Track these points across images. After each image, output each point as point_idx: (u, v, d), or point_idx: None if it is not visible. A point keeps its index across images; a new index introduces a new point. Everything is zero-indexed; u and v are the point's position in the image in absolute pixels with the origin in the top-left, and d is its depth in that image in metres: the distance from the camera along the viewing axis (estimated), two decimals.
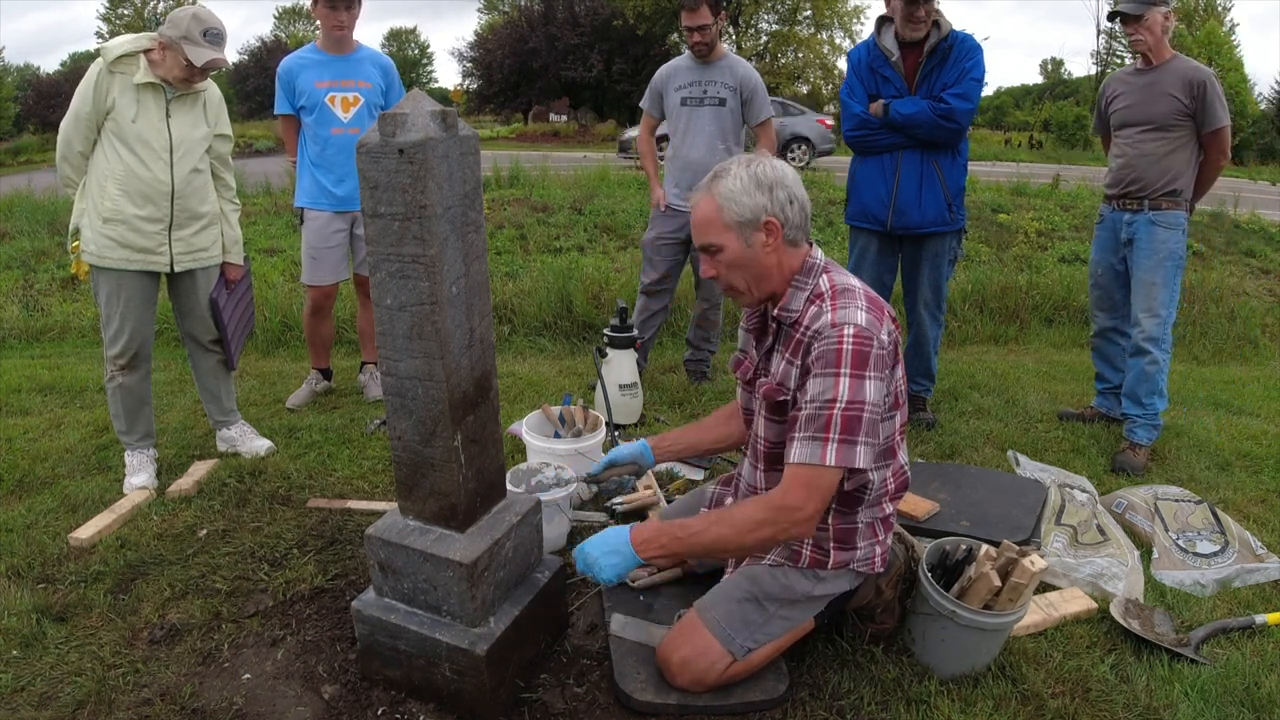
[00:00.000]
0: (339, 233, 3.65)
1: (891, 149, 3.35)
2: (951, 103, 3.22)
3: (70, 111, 2.71)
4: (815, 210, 8.76)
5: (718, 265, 1.82)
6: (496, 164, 10.88)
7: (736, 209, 1.75)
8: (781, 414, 1.83)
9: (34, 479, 3.07)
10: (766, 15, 33.45)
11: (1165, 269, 3.31)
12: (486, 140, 26.69)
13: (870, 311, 1.73)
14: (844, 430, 1.66)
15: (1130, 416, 3.39)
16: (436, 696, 1.87)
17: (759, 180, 1.75)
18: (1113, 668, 2.04)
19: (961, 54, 3.25)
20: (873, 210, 3.44)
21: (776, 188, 1.75)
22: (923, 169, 3.33)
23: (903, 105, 3.28)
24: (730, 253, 1.78)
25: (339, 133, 3.52)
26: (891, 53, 3.32)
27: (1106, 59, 31.49)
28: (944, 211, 3.37)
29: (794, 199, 1.77)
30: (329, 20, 3.45)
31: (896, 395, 1.83)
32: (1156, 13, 3.22)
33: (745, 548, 1.78)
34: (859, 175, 3.50)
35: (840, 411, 1.66)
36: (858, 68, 3.44)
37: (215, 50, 2.71)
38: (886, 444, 1.84)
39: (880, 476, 1.87)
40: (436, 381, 1.73)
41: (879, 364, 1.69)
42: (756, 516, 1.73)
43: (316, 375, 4.00)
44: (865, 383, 1.67)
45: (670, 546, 1.79)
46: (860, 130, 3.40)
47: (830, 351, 1.67)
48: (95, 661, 2.02)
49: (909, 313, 3.69)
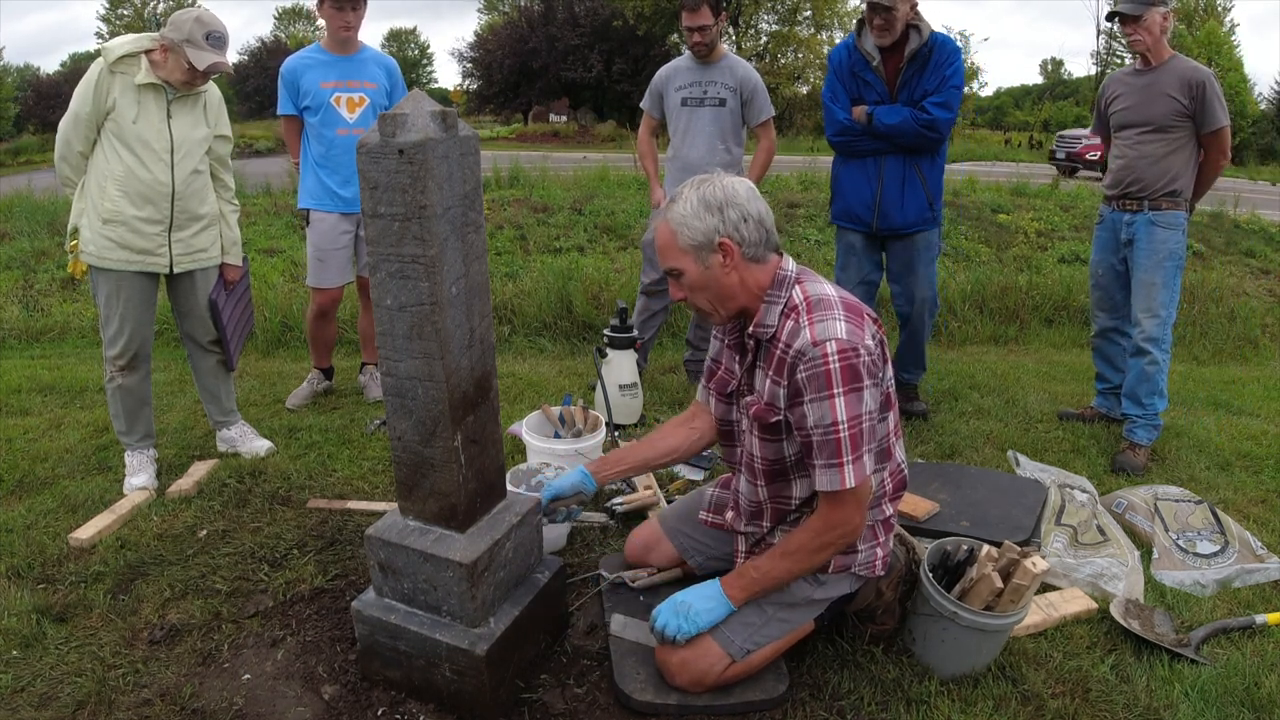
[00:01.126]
0: (345, 234, 3.64)
1: (874, 154, 3.42)
2: (934, 113, 3.28)
3: (70, 111, 2.70)
4: (815, 210, 8.76)
5: (682, 288, 1.83)
6: (496, 164, 10.87)
7: (689, 233, 1.74)
8: (776, 433, 1.84)
9: (34, 479, 3.07)
10: (766, 15, 33.48)
11: (1165, 269, 3.31)
12: (486, 141, 26.71)
13: (849, 320, 1.71)
14: (853, 449, 1.69)
15: (1130, 417, 3.39)
16: (436, 697, 1.87)
17: (708, 202, 1.74)
18: (1113, 668, 2.04)
19: (942, 59, 3.30)
20: (857, 212, 3.52)
21: (727, 208, 1.74)
22: (905, 172, 3.40)
23: (886, 115, 3.33)
24: (690, 276, 1.79)
25: (344, 133, 3.52)
26: (872, 56, 3.35)
27: (1106, 59, 31.49)
28: (925, 211, 3.45)
29: (747, 217, 1.75)
30: (335, 20, 3.44)
31: (888, 395, 1.83)
32: (1155, 13, 3.22)
33: (813, 569, 1.87)
34: (843, 177, 3.57)
35: (846, 434, 1.68)
36: (839, 70, 3.48)
37: (217, 54, 2.70)
38: (881, 445, 1.84)
39: (878, 478, 1.87)
40: (436, 382, 1.73)
41: (869, 372, 1.70)
42: (815, 543, 1.80)
43: (317, 375, 4.00)
44: (860, 395, 1.68)
45: (752, 589, 1.87)
46: (843, 136, 3.47)
47: (819, 374, 1.67)
48: (95, 662, 2.02)
49: (906, 309, 3.71)
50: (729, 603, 1.86)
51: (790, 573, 1.84)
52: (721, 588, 1.88)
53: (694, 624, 1.83)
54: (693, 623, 1.83)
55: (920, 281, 3.60)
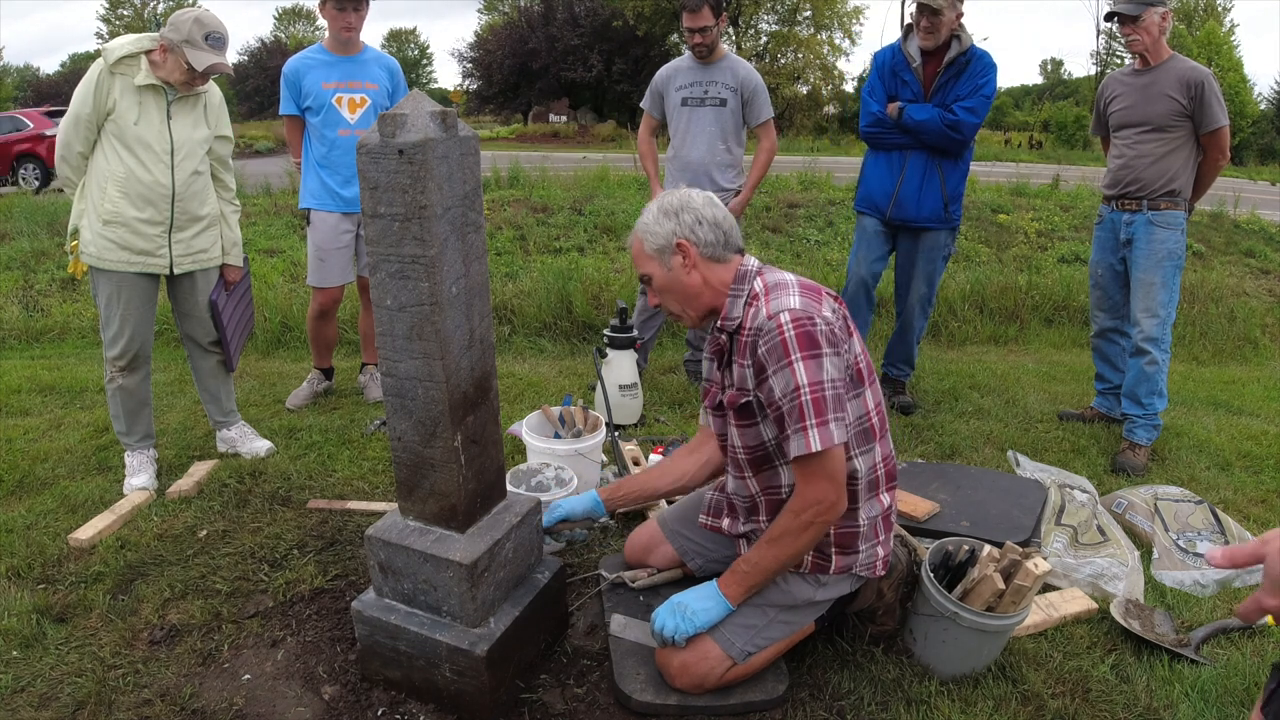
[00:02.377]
0: (346, 234, 3.65)
1: (901, 148, 3.57)
2: (960, 115, 3.41)
3: (70, 112, 2.70)
4: (815, 211, 8.77)
5: (654, 293, 1.96)
6: (496, 165, 10.87)
7: (653, 238, 1.89)
8: (749, 416, 1.87)
9: (34, 479, 3.07)
10: (766, 16, 33.47)
11: (1164, 269, 3.31)
12: (486, 141, 26.70)
13: (804, 296, 1.78)
14: (817, 413, 1.71)
15: (1130, 416, 3.39)
16: (436, 697, 1.87)
17: (665, 209, 1.90)
18: (1113, 668, 2.04)
19: (977, 70, 3.44)
20: (876, 200, 3.67)
21: (683, 212, 1.89)
22: (926, 169, 3.53)
23: (916, 111, 3.47)
24: (657, 279, 1.92)
25: (346, 134, 3.52)
26: (914, 59, 3.51)
27: (1106, 59, 31.51)
28: (940, 210, 3.56)
29: (702, 220, 1.88)
30: (337, 21, 3.44)
31: (859, 372, 1.83)
32: (1154, 13, 3.22)
33: (801, 552, 1.84)
34: (869, 167, 3.74)
35: (808, 397, 1.70)
36: (880, 69, 3.64)
37: (217, 54, 2.70)
38: (862, 425, 1.84)
39: (867, 463, 1.86)
40: (436, 382, 1.73)
41: (828, 340, 1.73)
42: (796, 524, 1.79)
43: (318, 375, 4.00)
44: (819, 361, 1.71)
45: (746, 583, 1.88)
46: (875, 128, 3.62)
47: (776, 344, 1.73)
48: (95, 662, 2.02)
49: (899, 302, 3.88)
50: (726, 602, 1.87)
51: (779, 559, 1.83)
52: (718, 587, 1.89)
53: (691, 624, 1.84)
54: (690, 622, 1.84)
55: (919, 277, 3.71)
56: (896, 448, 3.42)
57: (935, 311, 5.69)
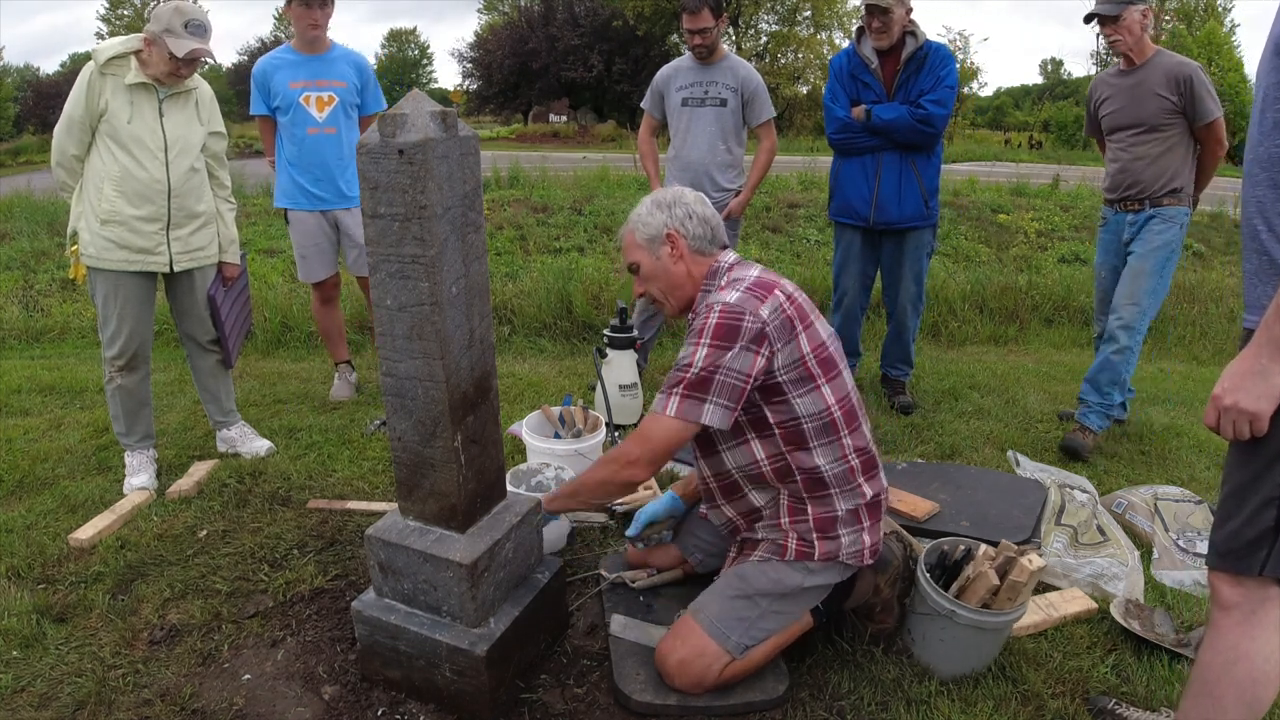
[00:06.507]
0: (323, 230, 3.70)
1: (872, 150, 3.57)
2: (929, 109, 3.42)
3: (64, 116, 2.70)
4: (815, 210, 8.78)
5: (640, 281, 2.04)
6: (496, 165, 10.88)
7: (644, 228, 1.99)
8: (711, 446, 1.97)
9: (34, 479, 3.07)
10: (766, 16, 33.48)
11: (1157, 256, 3.28)
12: (486, 141, 26.71)
13: (749, 292, 1.82)
14: (692, 388, 1.76)
15: (1085, 401, 3.39)
16: (436, 697, 1.87)
17: (659, 202, 2.00)
18: (1113, 668, 2.04)
19: (936, 62, 3.45)
20: (855, 207, 3.66)
21: (674, 205, 1.99)
22: (901, 168, 3.54)
23: (883, 111, 3.48)
24: (645, 267, 2.01)
25: (314, 132, 3.53)
26: (871, 60, 3.52)
27: (1105, 59, 31.50)
28: (921, 207, 3.58)
29: (692, 214, 1.98)
30: (303, 19, 3.45)
31: (809, 370, 1.82)
32: (1134, 11, 3.17)
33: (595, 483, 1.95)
34: (842, 174, 3.72)
35: (694, 374, 1.76)
36: (839, 74, 3.64)
37: (197, 40, 2.69)
38: (822, 419, 1.83)
39: (831, 454, 1.85)
40: (436, 382, 1.73)
41: (751, 336, 1.76)
42: (601, 464, 1.94)
43: (345, 368, 4.04)
44: (727, 352, 1.75)
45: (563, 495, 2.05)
46: (843, 134, 3.62)
47: (699, 325, 1.81)
48: (95, 662, 2.02)
49: (890, 305, 3.90)
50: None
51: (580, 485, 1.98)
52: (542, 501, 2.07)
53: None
54: None
55: (908, 278, 3.73)
56: (897, 448, 3.43)
57: (935, 311, 5.72)
